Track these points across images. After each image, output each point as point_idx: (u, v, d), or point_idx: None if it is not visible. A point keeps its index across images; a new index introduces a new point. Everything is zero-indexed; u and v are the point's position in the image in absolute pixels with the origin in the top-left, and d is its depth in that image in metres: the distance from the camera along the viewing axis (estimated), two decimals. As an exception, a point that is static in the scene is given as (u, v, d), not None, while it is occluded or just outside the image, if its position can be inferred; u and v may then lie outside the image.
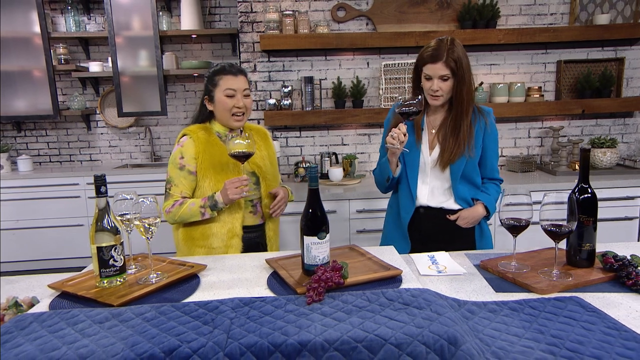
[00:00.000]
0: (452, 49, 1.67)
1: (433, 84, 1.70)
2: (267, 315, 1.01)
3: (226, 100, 1.78)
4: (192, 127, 1.85)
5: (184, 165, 1.76)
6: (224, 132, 1.84)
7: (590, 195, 1.34)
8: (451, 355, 0.87)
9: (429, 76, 1.71)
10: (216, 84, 1.79)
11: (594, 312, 1.09)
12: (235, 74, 1.79)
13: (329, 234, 1.23)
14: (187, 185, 1.78)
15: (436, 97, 1.73)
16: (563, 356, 0.91)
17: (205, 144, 1.78)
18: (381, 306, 1.04)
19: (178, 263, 1.37)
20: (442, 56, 1.66)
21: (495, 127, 1.84)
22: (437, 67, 1.67)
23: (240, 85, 1.79)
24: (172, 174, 1.78)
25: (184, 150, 1.77)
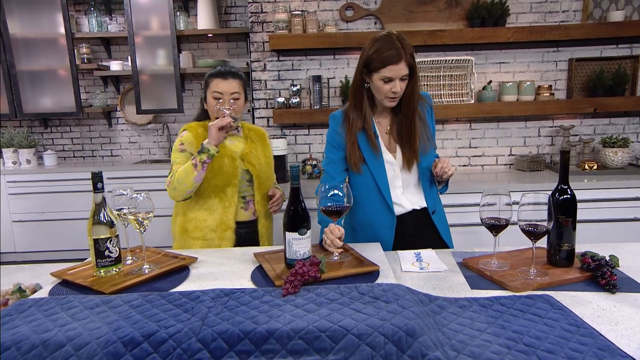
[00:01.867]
0: (406, 44, 1.57)
1: (395, 86, 1.59)
2: (244, 305, 1.08)
3: (213, 102, 1.86)
4: (191, 123, 1.96)
5: (185, 149, 1.87)
6: None
7: (570, 197, 1.36)
8: (408, 346, 0.92)
9: (390, 78, 1.58)
10: (207, 85, 1.89)
11: (560, 309, 1.12)
12: (225, 77, 1.85)
13: (310, 230, 1.29)
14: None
15: (395, 98, 1.64)
16: (518, 350, 0.95)
17: (204, 138, 1.84)
18: (351, 299, 1.10)
19: (172, 255, 1.46)
20: (402, 55, 1.56)
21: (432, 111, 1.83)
22: (400, 67, 1.56)
23: (228, 88, 1.84)
24: (174, 157, 1.89)
25: (184, 139, 1.89)
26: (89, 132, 4.81)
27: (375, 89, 1.65)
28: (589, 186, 2.87)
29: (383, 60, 1.56)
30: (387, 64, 1.56)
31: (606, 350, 0.94)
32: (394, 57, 1.55)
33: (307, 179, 3.27)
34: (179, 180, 1.77)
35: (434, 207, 1.82)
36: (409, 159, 1.72)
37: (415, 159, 1.72)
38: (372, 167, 1.72)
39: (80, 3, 4.58)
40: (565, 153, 1.37)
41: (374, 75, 1.61)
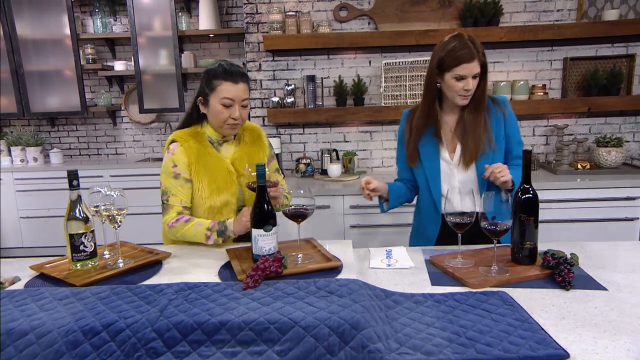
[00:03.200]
0: (477, 44, 1.66)
1: (467, 84, 1.66)
2: (204, 298, 1.14)
3: (222, 110, 1.64)
4: (181, 133, 1.73)
5: (179, 174, 1.67)
6: (216, 137, 1.74)
7: (532, 196, 1.39)
8: (351, 338, 0.97)
9: (463, 76, 1.65)
10: (213, 89, 1.64)
11: (510, 305, 1.16)
12: (236, 80, 1.63)
13: (275, 227, 1.34)
14: (186, 193, 1.68)
15: (467, 96, 1.70)
16: (458, 343, 0.99)
17: (198, 154, 1.68)
18: (307, 293, 1.15)
19: (147, 251, 1.52)
20: (475, 54, 1.63)
21: (514, 115, 1.81)
22: (473, 65, 1.63)
23: (240, 94, 1.64)
24: (167, 184, 1.68)
25: (176, 159, 1.67)
26: (95, 130, 4.92)
27: (448, 88, 1.71)
28: (581, 185, 2.87)
29: (457, 59, 1.64)
30: (461, 62, 1.63)
31: (542, 343, 0.97)
32: (468, 55, 1.63)
33: (301, 178, 3.33)
34: (184, 236, 1.64)
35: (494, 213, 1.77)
36: (466, 158, 1.76)
37: (472, 158, 1.75)
38: (425, 163, 1.81)
39: (85, 5, 4.68)
40: (527, 153, 1.40)
41: (446, 74, 1.68)
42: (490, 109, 1.78)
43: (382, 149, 3.49)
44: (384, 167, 3.52)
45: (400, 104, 3.28)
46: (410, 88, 3.31)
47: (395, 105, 3.27)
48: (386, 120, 3.42)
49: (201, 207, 1.70)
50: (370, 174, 3.46)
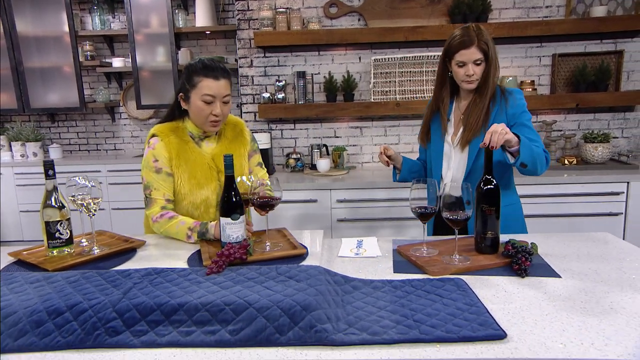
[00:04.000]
0: (480, 33, 1.75)
1: (468, 69, 1.76)
2: (168, 282, 1.19)
3: (203, 106, 1.63)
4: (161, 127, 1.73)
5: (160, 168, 1.67)
6: (197, 133, 1.74)
7: (493, 187, 1.43)
8: (301, 319, 1.01)
9: (463, 62, 1.76)
10: (194, 85, 1.63)
11: (463, 291, 1.20)
12: (217, 77, 1.62)
13: (243, 215, 1.39)
14: (168, 187, 1.69)
15: (471, 81, 1.80)
16: (404, 325, 1.03)
17: (178, 149, 1.69)
18: (267, 278, 1.20)
19: (123, 239, 1.57)
20: (473, 41, 1.73)
21: (524, 103, 1.83)
22: (471, 51, 1.74)
23: (221, 90, 1.63)
24: (149, 178, 1.68)
25: (157, 153, 1.67)
26: (94, 126, 4.99)
27: (454, 74, 1.83)
28: (568, 181, 2.89)
29: (456, 46, 1.76)
30: (460, 49, 1.75)
31: (484, 324, 1.01)
32: (466, 42, 1.74)
33: (290, 172, 3.38)
34: (167, 232, 1.66)
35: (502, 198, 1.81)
36: (462, 141, 1.84)
37: (467, 141, 1.82)
38: (432, 144, 1.95)
39: (84, 2, 4.75)
40: (488, 146, 1.43)
41: (452, 62, 1.81)
42: (497, 97, 1.84)
43: (372, 144, 3.53)
44: (374, 162, 3.56)
45: (389, 100, 3.32)
46: (400, 84, 3.34)
47: (384, 101, 3.31)
48: (376, 116, 3.45)
49: (181, 203, 1.72)
50: (360, 169, 3.51)
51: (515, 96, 1.85)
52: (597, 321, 1.02)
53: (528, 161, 1.57)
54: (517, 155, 1.56)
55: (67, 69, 4.55)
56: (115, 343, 0.98)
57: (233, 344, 0.98)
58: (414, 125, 3.49)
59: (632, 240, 2.88)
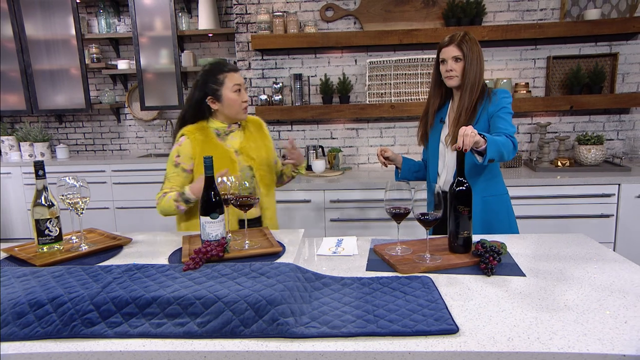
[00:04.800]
0: (464, 36, 1.92)
1: (447, 65, 1.92)
2: (146, 277, 1.25)
3: (235, 96, 1.88)
4: (189, 127, 1.92)
5: (179, 163, 1.88)
6: (223, 127, 1.94)
7: (465, 189, 1.47)
8: (265, 312, 1.07)
9: (444, 59, 1.93)
10: (222, 83, 1.86)
11: (427, 288, 1.25)
12: (235, 70, 1.92)
13: (222, 215, 1.45)
14: (179, 181, 1.89)
15: (450, 76, 1.93)
16: (364, 319, 1.08)
17: (202, 145, 1.87)
18: (240, 274, 1.26)
19: (112, 237, 1.65)
20: (454, 40, 1.91)
21: (503, 98, 1.92)
22: (450, 49, 1.91)
23: (242, 80, 1.93)
24: (168, 170, 1.91)
25: (181, 150, 1.89)
26: (100, 127, 5.10)
27: (441, 72, 1.98)
28: (560, 182, 2.91)
29: (440, 46, 1.96)
30: (441, 48, 1.95)
31: (439, 320, 1.06)
32: (445, 42, 1.94)
33: (287, 173, 3.44)
34: (163, 209, 1.86)
35: (485, 192, 1.95)
36: (453, 140, 1.92)
37: (454, 139, 1.88)
38: (429, 144, 2.08)
39: (91, 6, 4.86)
40: (460, 149, 1.48)
41: (439, 61, 1.97)
42: (484, 98, 1.95)
43: (367, 145, 3.58)
44: (370, 164, 3.61)
45: (384, 102, 3.36)
46: (395, 86, 3.39)
47: (379, 103, 3.36)
48: (372, 117, 3.50)
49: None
50: (356, 170, 3.56)
51: (498, 95, 1.95)
52: (548, 317, 1.07)
53: (495, 156, 1.67)
54: (485, 154, 1.63)
55: (74, 71, 4.66)
56: (90, 333, 1.05)
57: (200, 336, 1.04)
58: (409, 127, 3.53)
59: (623, 242, 2.90)
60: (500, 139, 1.70)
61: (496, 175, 1.99)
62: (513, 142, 1.80)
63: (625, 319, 1.05)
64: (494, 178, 1.97)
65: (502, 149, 1.69)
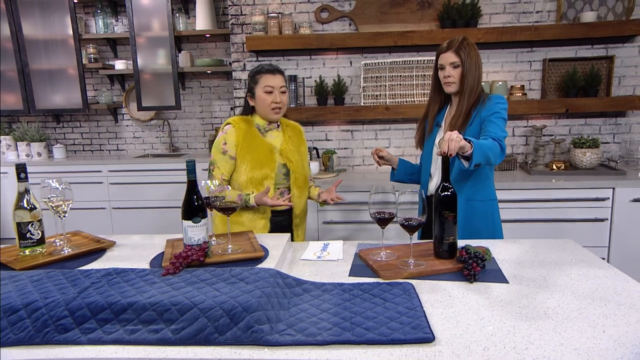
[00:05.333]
0: (462, 42, 1.91)
1: (445, 72, 1.93)
2: (125, 282, 1.24)
3: (265, 96, 1.99)
4: (235, 117, 2.08)
5: (226, 151, 2.00)
6: (263, 124, 2.08)
7: (450, 194, 1.46)
8: (241, 319, 1.06)
9: (442, 65, 1.93)
10: (257, 82, 2.01)
11: (408, 295, 1.23)
12: (273, 72, 2.01)
13: (205, 219, 1.44)
14: (228, 168, 2.02)
15: (449, 83, 1.94)
16: (341, 327, 1.07)
17: (245, 134, 2.00)
18: (219, 280, 1.25)
19: (95, 240, 1.64)
20: (452, 46, 1.91)
21: (496, 103, 1.90)
22: (448, 55, 1.91)
23: (277, 82, 2.00)
24: (215, 157, 2.02)
25: (227, 137, 2.01)
26: (97, 127, 5.10)
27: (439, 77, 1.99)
28: (554, 186, 2.90)
29: (438, 52, 1.96)
30: (439, 54, 1.95)
31: (416, 327, 1.05)
32: (443, 48, 1.94)
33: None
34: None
35: (471, 196, 1.95)
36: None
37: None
38: (425, 147, 2.11)
39: (88, 6, 4.86)
40: (444, 155, 1.46)
41: (438, 66, 1.98)
42: (479, 103, 1.94)
43: (362, 147, 3.57)
44: (365, 166, 3.59)
45: (379, 104, 3.35)
46: (390, 88, 3.37)
47: (374, 105, 3.34)
48: (366, 119, 3.49)
49: (240, 178, 2.02)
50: (351, 172, 3.54)
51: (492, 101, 1.94)
52: (526, 326, 1.05)
53: (482, 161, 1.65)
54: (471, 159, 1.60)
55: (71, 71, 4.66)
56: (63, 340, 1.04)
57: (173, 343, 1.03)
58: (405, 129, 3.52)
59: (617, 246, 2.88)
60: (486, 143, 1.69)
61: (485, 180, 1.97)
62: (501, 146, 1.78)
63: (604, 328, 1.03)
64: (482, 183, 1.95)
65: (488, 153, 1.67)
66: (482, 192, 1.97)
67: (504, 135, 1.84)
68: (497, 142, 1.76)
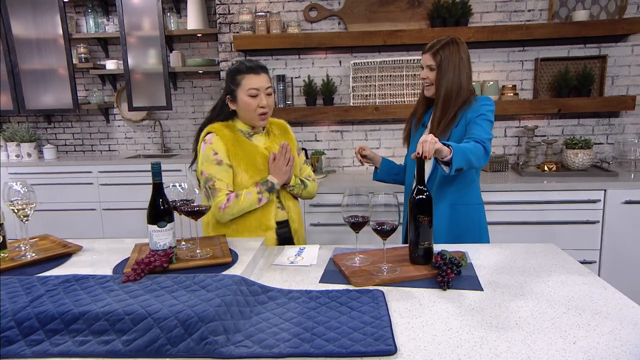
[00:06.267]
0: (445, 45, 1.85)
1: (422, 73, 1.92)
2: (82, 290, 1.20)
3: (250, 100, 1.76)
4: (215, 125, 1.83)
5: (221, 161, 1.77)
6: (246, 129, 1.86)
7: (425, 197, 1.41)
8: (195, 330, 1.01)
9: (421, 66, 1.92)
10: (239, 84, 1.77)
11: (376, 303, 1.18)
12: (256, 71, 1.77)
13: (171, 223, 1.39)
14: (229, 178, 1.79)
15: (426, 87, 1.93)
16: (300, 338, 1.02)
17: (233, 141, 1.79)
18: (180, 287, 1.20)
19: (62, 244, 1.59)
20: (431, 48, 1.86)
21: (482, 105, 1.85)
22: (426, 57, 1.89)
23: (263, 83, 1.78)
24: (210, 171, 1.76)
25: (215, 147, 1.77)
26: (89, 127, 5.06)
27: None
28: (545, 188, 2.84)
29: (423, 52, 1.92)
30: (423, 54, 1.92)
31: (379, 339, 1.00)
32: (425, 49, 1.90)
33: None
34: (241, 209, 1.76)
35: (456, 200, 1.89)
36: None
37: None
38: (410, 146, 2.07)
39: (79, 5, 4.82)
40: (419, 157, 1.41)
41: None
42: (465, 105, 1.88)
43: (352, 148, 3.52)
44: (355, 167, 3.54)
45: (369, 104, 3.30)
46: (380, 88, 3.32)
47: (364, 105, 3.29)
48: (356, 119, 3.44)
49: (239, 189, 1.80)
50: (340, 173, 3.50)
51: (478, 102, 1.89)
52: (495, 337, 1.00)
53: (463, 165, 1.59)
54: (452, 164, 1.54)
55: (61, 71, 4.62)
56: (5, 353, 0.99)
57: (123, 355, 0.98)
58: (395, 129, 3.47)
59: (609, 249, 2.82)
60: (468, 146, 1.64)
61: (470, 184, 1.91)
62: (485, 147, 1.72)
63: (575, 340, 0.98)
64: (468, 187, 1.90)
65: (470, 156, 1.62)
66: (467, 197, 1.91)
67: (488, 137, 1.78)
68: (481, 144, 1.71)
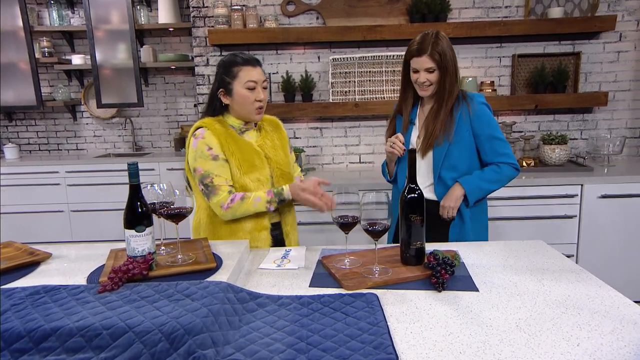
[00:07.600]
0: (436, 42, 1.77)
1: (420, 77, 1.82)
2: (53, 302, 1.10)
3: (247, 93, 1.69)
4: (205, 120, 1.75)
5: (217, 155, 1.69)
6: (238, 125, 1.78)
7: (417, 196, 1.37)
8: (182, 344, 0.94)
9: (416, 69, 1.82)
10: (235, 76, 1.69)
11: (371, 308, 1.13)
12: (253, 64, 1.71)
13: (150, 227, 1.30)
14: (227, 173, 1.71)
15: (424, 88, 1.85)
16: (295, 349, 0.96)
17: (225, 135, 1.72)
18: (162, 297, 1.12)
19: (29, 252, 1.48)
20: (426, 49, 1.77)
21: (486, 111, 1.86)
22: (422, 60, 1.78)
23: (259, 76, 1.71)
24: (206, 167, 1.68)
25: (208, 142, 1.69)
26: (54, 125, 4.84)
27: (412, 79, 1.87)
28: (524, 183, 2.86)
29: (409, 53, 1.82)
30: (412, 57, 1.81)
31: (378, 347, 0.95)
32: (416, 51, 1.79)
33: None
34: (244, 213, 1.70)
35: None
36: (423, 146, 1.88)
37: (428, 147, 1.86)
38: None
39: (41, -4, 4.59)
40: (412, 152, 1.37)
41: (409, 66, 1.85)
42: (460, 104, 1.85)
43: (332, 145, 3.46)
44: (335, 164, 3.49)
45: (348, 100, 3.25)
46: (360, 84, 3.27)
47: (343, 101, 3.24)
48: (335, 116, 3.39)
49: (235, 184, 1.73)
50: (320, 170, 3.44)
51: (476, 104, 1.85)
52: (497, 341, 0.97)
53: (480, 196, 1.79)
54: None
55: (22, 66, 4.39)
56: (-32, 375, 0.90)
57: (102, 374, 0.90)
58: (375, 126, 3.43)
59: (586, 243, 2.87)
60: (483, 176, 1.80)
61: None
62: (513, 165, 1.86)
63: (578, 341, 0.95)
64: None
65: (485, 186, 1.78)
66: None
67: (507, 151, 1.87)
68: (508, 165, 1.84)
